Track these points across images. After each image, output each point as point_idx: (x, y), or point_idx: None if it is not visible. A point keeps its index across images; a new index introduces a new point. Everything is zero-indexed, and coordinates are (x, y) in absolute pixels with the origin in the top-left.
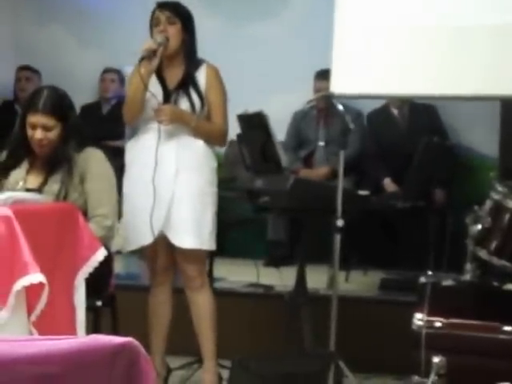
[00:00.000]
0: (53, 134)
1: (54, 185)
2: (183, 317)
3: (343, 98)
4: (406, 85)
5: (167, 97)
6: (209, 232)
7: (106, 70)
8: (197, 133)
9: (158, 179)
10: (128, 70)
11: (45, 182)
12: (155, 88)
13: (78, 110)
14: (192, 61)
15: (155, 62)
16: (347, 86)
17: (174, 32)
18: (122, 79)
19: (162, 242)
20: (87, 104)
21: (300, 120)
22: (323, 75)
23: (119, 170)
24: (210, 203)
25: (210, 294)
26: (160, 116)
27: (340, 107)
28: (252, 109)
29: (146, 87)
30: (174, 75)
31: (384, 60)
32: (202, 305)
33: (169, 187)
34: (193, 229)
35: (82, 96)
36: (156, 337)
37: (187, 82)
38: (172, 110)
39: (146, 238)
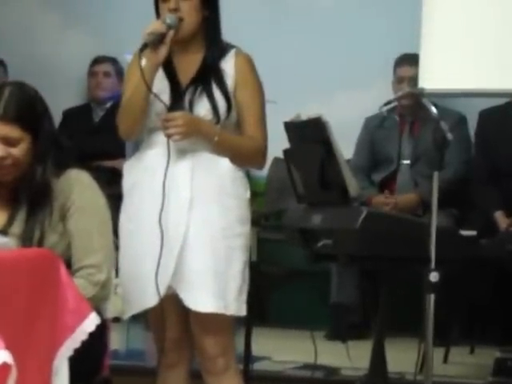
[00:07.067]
0: (18, 151)
1: (23, 224)
2: None
3: (437, 96)
4: None
5: (179, 97)
6: (236, 290)
7: (98, 60)
8: (221, 150)
9: (167, 215)
10: (129, 58)
11: (10, 221)
12: (162, 85)
13: (57, 116)
14: (215, 46)
15: (163, 52)
16: (443, 79)
17: (188, 8)
18: (120, 72)
19: (173, 304)
20: (71, 108)
21: (375, 129)
22: (408, 60)
23: (117, 200)
24: (239, 249)
25: (239, 380)
26: (169, 127)
27: (433, 109)
28: (306, 113)
29: (148, 87)
30: (190, 67)
31: (497, 41)
32: None
33: (180, 226)
34: (213, 285)
35: (62, 97)
36: None
37: (208, 76)
38: (186, 118)
39: (150, 299)
